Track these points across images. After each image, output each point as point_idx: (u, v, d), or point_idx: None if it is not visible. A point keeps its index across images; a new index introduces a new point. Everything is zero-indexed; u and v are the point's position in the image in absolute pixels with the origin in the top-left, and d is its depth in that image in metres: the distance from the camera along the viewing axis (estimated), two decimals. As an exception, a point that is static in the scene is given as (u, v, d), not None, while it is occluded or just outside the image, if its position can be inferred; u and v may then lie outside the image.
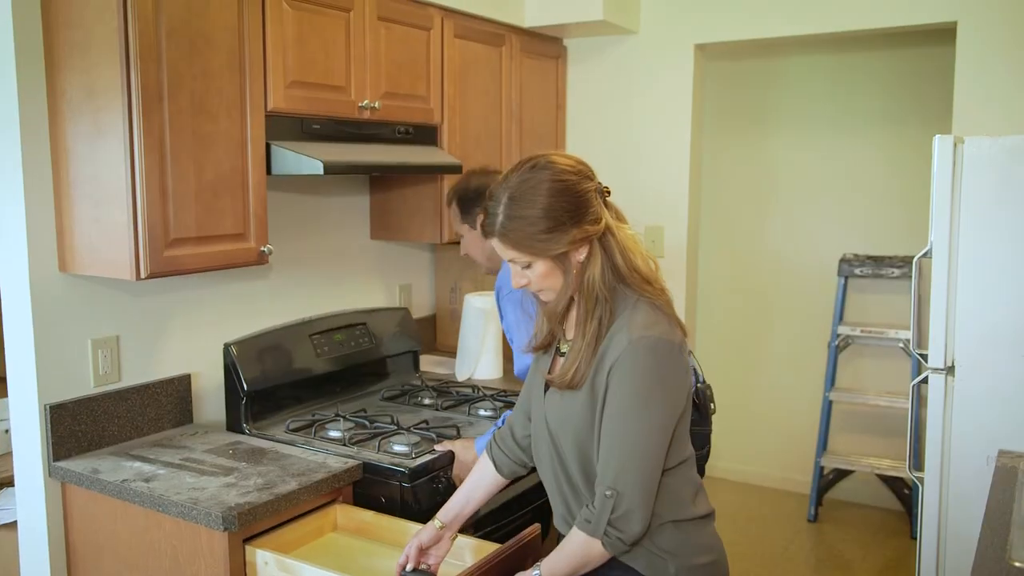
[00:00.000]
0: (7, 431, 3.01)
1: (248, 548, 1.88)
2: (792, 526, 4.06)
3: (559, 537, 1.64)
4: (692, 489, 1.61)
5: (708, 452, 2.38)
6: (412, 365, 3.04)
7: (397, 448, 2.23)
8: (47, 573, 2.17)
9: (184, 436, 2.36)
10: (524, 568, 1.64)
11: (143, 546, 2.00)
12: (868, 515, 4.19)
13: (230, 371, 2.43)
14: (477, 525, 2.18)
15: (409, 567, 1.74)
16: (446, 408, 2.66)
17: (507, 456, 1.79)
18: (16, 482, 2.23)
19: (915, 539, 3.35)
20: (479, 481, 1.81)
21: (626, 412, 1.47)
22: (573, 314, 1.57)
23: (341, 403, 2.69)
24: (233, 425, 2.45)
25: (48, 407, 2.13)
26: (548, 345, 1.66)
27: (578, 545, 1.52)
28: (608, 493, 1.47)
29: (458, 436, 2.36)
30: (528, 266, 1.53)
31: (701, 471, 2.42)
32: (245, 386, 2.41)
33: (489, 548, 1.82)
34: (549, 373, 1.61)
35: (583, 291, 1.51)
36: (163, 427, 2.40)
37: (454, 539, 1.81)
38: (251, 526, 1.88)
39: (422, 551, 1.76)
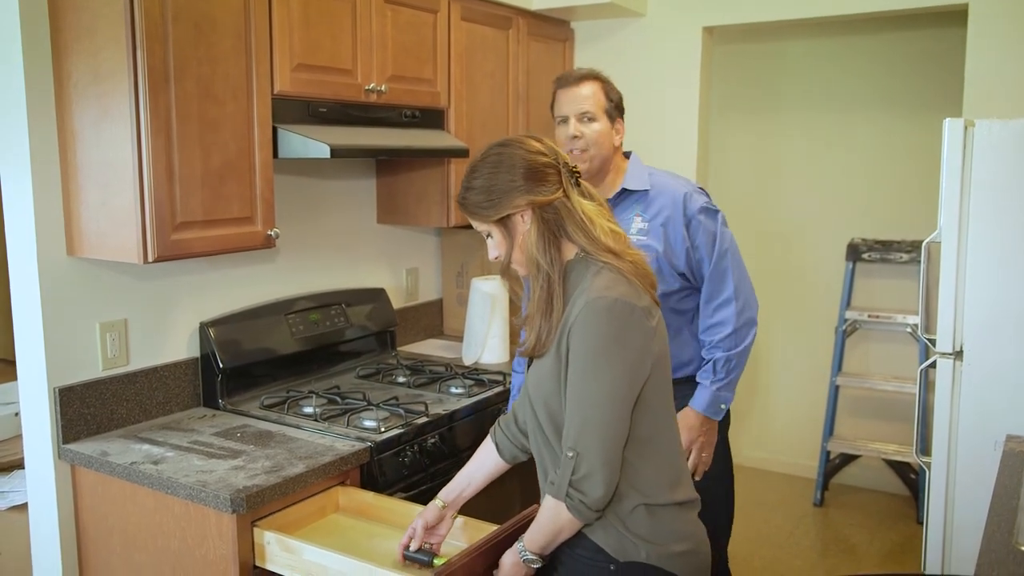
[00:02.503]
0: (17, 414, 3.04)
1: (254, 529, 1.89)
2: (798, 510, 4.07)
3: None
4: (670, 473, 1.60)
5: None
6: (388, 344, 3.06)
7: (366, 423, 2.28)
8: (57, 554, 2.19)
9: (192, 419, 2.37)
10: None
11: (152, 528, 2.01)
12: (874, 500, 4.19)
13: (206, 348, 2.46)
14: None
15: (413, 547, 1.75)
16: (418, 386, 2.71)
17: (509, 440, 1.81)
18: (26, 464, 2.24)
19: (921, 524, 3.35)
20: (482, 463, 1.84)
21: (584, 372, 1.50)
22: (529, 287, 1.64)
23: (316, 381, 2.73)
24: (208, 401, 2.48)
25: (57, 390, 2.14)
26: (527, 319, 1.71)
27: (549, 510, 1.55)
28: (570, 454, 1.50)
29: (426, 411, 2.40)
30: (489, 235, 1.62)
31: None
32: (220, 363, 2.44)
33: (488, 528, 1.83)
34: (521, 344, 1.65)
35: (526, 259, 1.59)
36: (171, 410, 2.42)
37: (455, 518, 1.84)
38: (259, 509, 1.89)
39: (427, 530, 1.78)
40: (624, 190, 2.24)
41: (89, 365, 2.23)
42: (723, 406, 2.20)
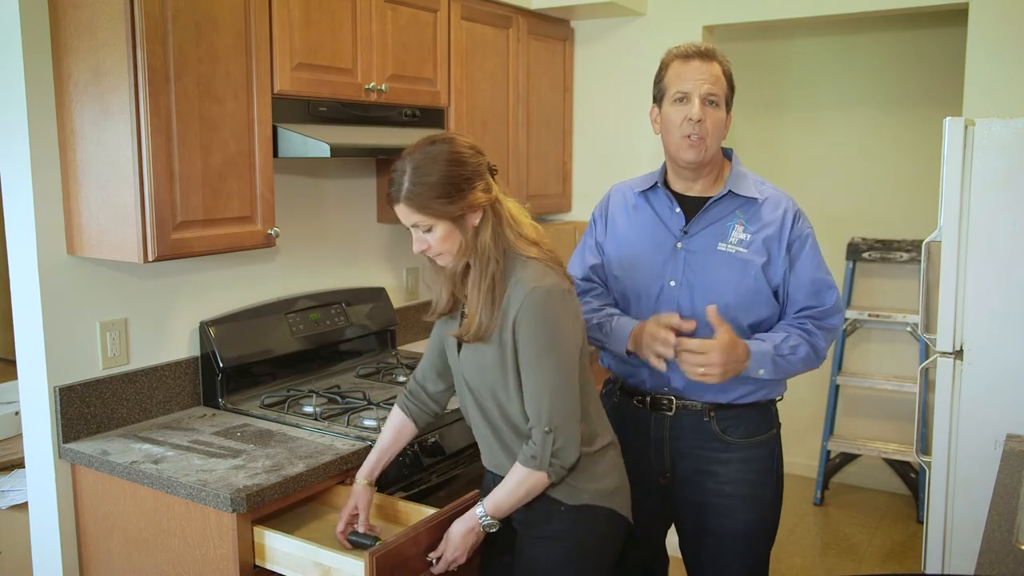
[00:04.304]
0: (17, 413, 3.04)
1: (254, 528, 1.90)
2: (798, 509, 4.07)
3: (488, 475, 1.89)
4: (597, 423, 1.84)
5: None
6: (389, 343, 3.06)
7: (366, 423, 2.29)
8: (58, 553, 2.19)
9: (192, 418, 2.37)
10: None
11: (152, 527, 2.01)
12: (874, 499, 4.19)
13: (206, 348, 2.46)
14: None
15: (361, 529, 1.86)
16: None
17: (421, 410, 2.00)
18: (27, 464, 2.24)
19: (922, 523, 3.35)
20: (397, 436, 1.99)
21: (541, 357, 1.68)
22: (470, 277, 1.75)
23: (316, 380, 2.72)
24: (208, 400, 2.48)
25: (57, 389, 2.14)
26: (452, 310, 1.83)
27: (523, 479, 1.72)
28: (547, 430, 1.69)
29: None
30: (429, 230, 1.69)
31: None
32: (220, 363, 2.43)
33: (426, 511, 1.93)
34: (463, 332, 1.76)
35: (478, 252, 1.70)
36: (171, 409, 2.41)
37: (374, 491, 1.99)
38: (259, 508, 1.89)
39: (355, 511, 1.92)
40: (731, 192, 2.02)
41: (89, 364, 2.23)
42: (761, 372, 1.96)
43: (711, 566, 2.10)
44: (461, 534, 1.77)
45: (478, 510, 1.76)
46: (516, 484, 1.73)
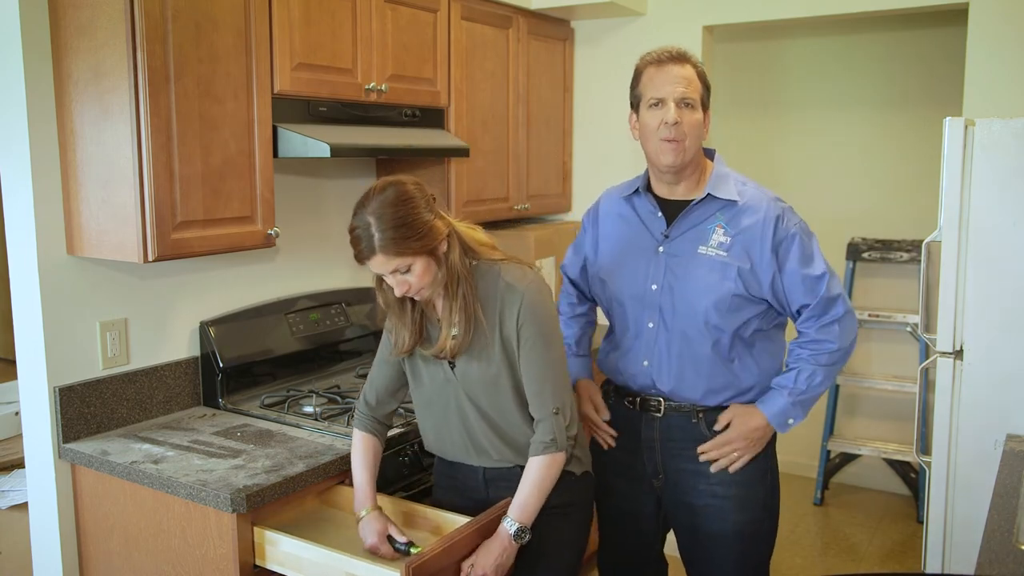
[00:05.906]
0: (17, 413, 3.04)
1: (254, 528, 1.89)
2: (798, 510, 4.07)
3: (486, 477, 1.90)
4: None
5: None
6: None
7: None
8: (58, 553, 2.19)
9: (192, 418, 2.37)
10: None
11: (152, 527, 2.01)
12: (874, 499, 4.19)
13: (206, 348, 2.46)
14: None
15: (402, 540, 1.80)
16: None
17: (385, 427, 2.03)
18: (27, 464, 2.24)
19: (922, 523, 3.35)
20: (375, 458, 1.98)
21: (547, 343, 1.80)
22: (441, 302, 1.82)
23: (316, 380, 2.72)
24: (208, 400, 2.48)
25: (57, 389, 2.14)
26: (414, 346, 1.88)
27: (545, 467, 1.79)
28: (555, 411, 1.80)
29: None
30: (408, 270, 1.73)
31: None
32: (220, 363, 2.43)
33: (459, 521, 1.88)
34: (439, 351, 1.82)
35: (450, 274, 1.77)
36: (171, 409, 2.42)
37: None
38: (259, 508, 1.89)
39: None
40: (709, 195, 1.99)
41: (89, 364, 2.23)
42: (790, 421, 2.02)
43: (708, 568, 2.10)
44: (486, 547, 1.76)
45: (511, 527, 1.76)
46: (539, 477, 1.78)
